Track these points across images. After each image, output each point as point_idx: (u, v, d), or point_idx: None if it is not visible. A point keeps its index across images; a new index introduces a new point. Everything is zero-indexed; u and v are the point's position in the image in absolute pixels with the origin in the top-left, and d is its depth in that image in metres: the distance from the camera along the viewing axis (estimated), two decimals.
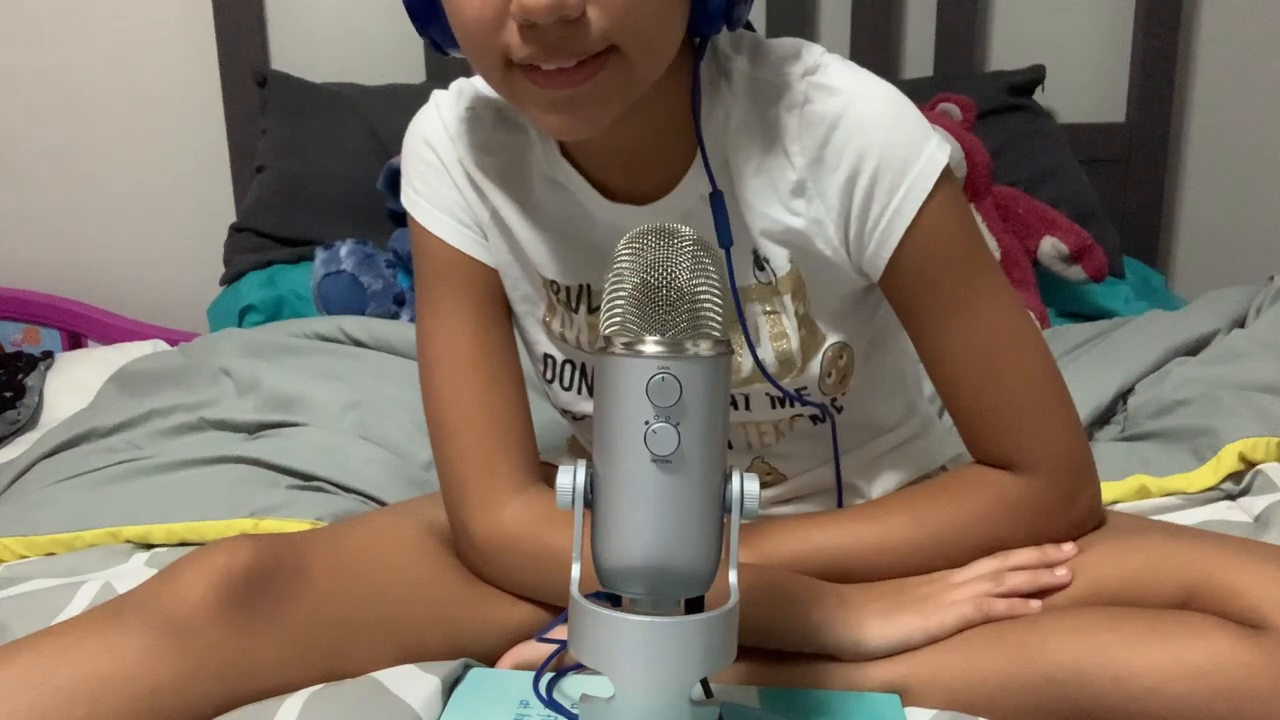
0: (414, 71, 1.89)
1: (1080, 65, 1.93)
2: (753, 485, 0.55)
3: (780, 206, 0.75)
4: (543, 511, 0.77)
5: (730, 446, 0.85)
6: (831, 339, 0.79)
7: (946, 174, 0.73)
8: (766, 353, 0.79)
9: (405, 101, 1.89)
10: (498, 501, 0.78)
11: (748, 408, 0.82)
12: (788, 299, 0.78)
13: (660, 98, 0.72)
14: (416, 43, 1.85)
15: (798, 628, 0.71)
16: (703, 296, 0.54)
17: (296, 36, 1.92)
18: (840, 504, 0.85)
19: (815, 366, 0.79)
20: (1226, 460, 1.01)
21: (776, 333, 0.79)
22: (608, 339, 0.54)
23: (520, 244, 0.81)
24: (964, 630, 0.71)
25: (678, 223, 0.56)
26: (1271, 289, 1.40)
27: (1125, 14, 1.90)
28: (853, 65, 0.75)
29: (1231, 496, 1.01)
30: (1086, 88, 1.93)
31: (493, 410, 0.80)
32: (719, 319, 0.54)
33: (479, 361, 0.80)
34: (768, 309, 0.78)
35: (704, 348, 0.53)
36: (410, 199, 0.83)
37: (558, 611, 0.75)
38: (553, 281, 0.81)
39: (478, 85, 0.82)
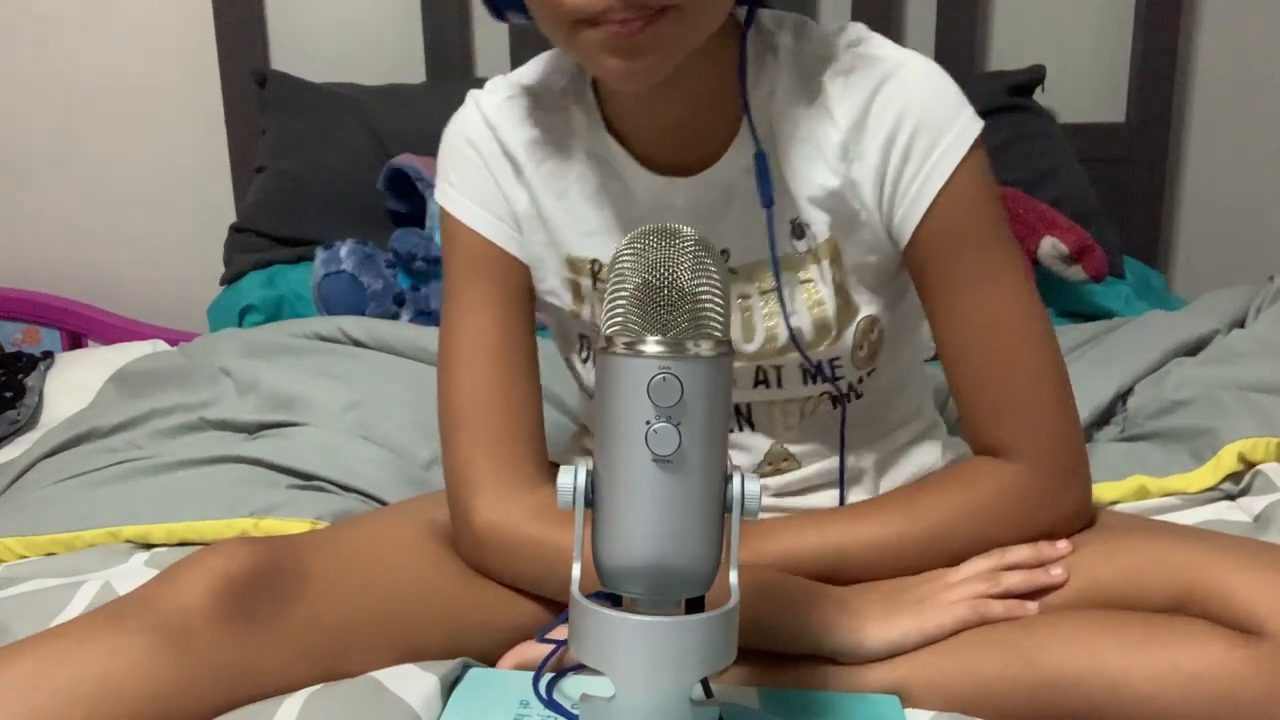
0: (414, 71, 1.89)
1: (1080, 65, 1.93)
2: (753, 486, 0.56)
3: (824, 168, 0.77)
4: (549, 509, 0.77)
5: (753, 427, 0.86)
6: (864, 311, 0.81)
7: (979, 144, 0.76)
8: (804, 319, 0.80)
9: (405, 101, 1.90)
10: (506, 494, 0.79)
11: (780, 384, 0.83)
12: (826, 265, 0.80)
13: (708, 68, 0.75)
14: (416, 43, 1.86)
15: (797, 630, 0.71)
16: (704, 297, 0.54)
17: (296, 36, 1.92)
18: (842, 492, 0.86)
19: (849, 336, 0.81)
20: (1226, 460, 1.01)
21: (814, 300, 0.80)
22: (609, 339, 0.54)
23: (558, 227, 0.82)
24: (961, 631, 0.71)
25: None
26: (1271, 289, 1.39)
27: (1125, 14, 1.90)
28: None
29: (1231, 497, 1.00)
30: (1086, 88, 1.93)
31: (509, 405, 0.81)
32: (720, 319, 0.54)
33: (501, 355, 0.82)
34: (805, 278, 0.80)
35: (705, 348, 0.53)
36: (445, 194, 0.85)
37: (558, 611, 0.75)
38: (593, 260, 0.82)
39: (514, 79, 0.85)
